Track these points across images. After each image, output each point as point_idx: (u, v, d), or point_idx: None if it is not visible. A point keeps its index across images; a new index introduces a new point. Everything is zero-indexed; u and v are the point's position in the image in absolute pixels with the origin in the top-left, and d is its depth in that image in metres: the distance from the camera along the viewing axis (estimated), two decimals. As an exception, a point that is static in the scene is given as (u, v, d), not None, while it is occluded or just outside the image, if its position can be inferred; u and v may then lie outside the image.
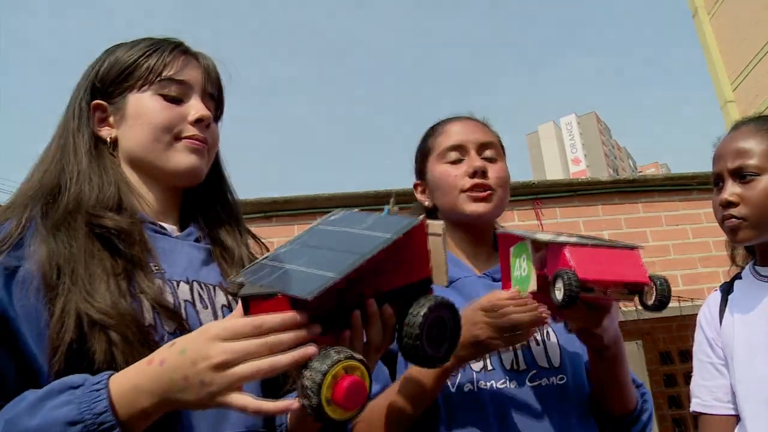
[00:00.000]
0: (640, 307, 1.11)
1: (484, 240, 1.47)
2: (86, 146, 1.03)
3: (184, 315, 0.93)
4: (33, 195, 0.97)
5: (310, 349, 0.71)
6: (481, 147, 1.43)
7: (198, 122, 1.06)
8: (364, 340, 0.81)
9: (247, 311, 0.78)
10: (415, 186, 1.53)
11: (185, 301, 0.95)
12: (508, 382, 1.25)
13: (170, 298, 0.93)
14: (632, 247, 1.11)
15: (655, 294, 1.08)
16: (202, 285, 0.99)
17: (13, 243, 0.89)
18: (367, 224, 0.83)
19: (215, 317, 0.97)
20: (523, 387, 1.26)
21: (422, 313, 0.80)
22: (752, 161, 1.43)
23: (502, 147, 1.49)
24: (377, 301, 0.81)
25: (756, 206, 1.41)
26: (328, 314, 0.76)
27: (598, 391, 1.29)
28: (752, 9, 11.65)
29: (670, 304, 1.62)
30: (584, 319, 1.14)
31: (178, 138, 1.05)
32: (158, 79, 1.04)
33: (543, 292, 1.10)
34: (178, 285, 0.96)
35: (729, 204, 1.44)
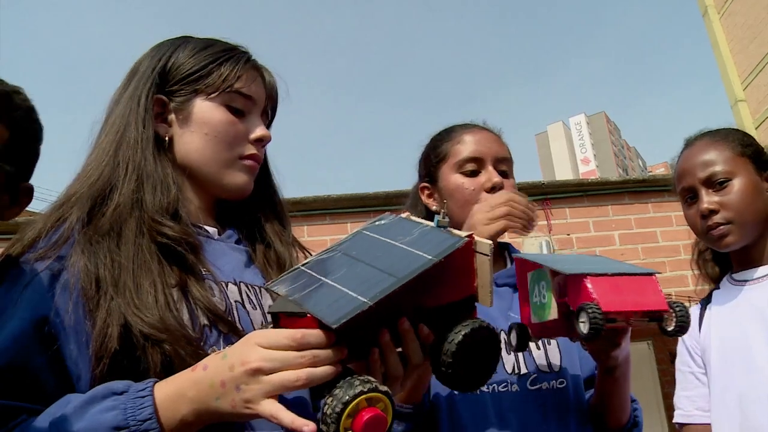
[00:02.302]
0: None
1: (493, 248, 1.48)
2: (150, 142, 0.99)
3: (236, 316, 0.93)
4: (84, 194, 0.94)
5: (339, 367, 0.73)
6: (498, 161, 1.42)
7: (258, 141, 1.05)
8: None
9: (277, 325, 0.79)
10: (422, 188, 1.50)
11: (236, 301, 0.95)
12: (509, 386, 1.26)
13: (221, 301, 0.92)
14: (649, 273, 1.10)
15: (675, 321, 1.08)
16: (249, 286, 0.99)
17: (59, 248, 0.88)
18: (412, 237, 0.80)
19: (264, 318, 0.97)
20: (525, 390, 1.27)
21: (456, 341, 0.78)
22: (722, 168, 1.46)
23: (512, 160, 1.49)
24: (418, 317, 0.79)
25: (737, 208, 1.44)
26: (362, 331, 0.74)
27: (600, 404, 1.30)
28: (762, 8, 11.57)
29: (680, 304, 1.63)
30: (604, 343, 1.15)
31: (238, 157, 1.03)
32: (229, 89, 1.02)
33: (565, 319, 1.10)
34: (227, 286, 0.95)
35: (711, 212, 1.46)
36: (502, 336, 1.29)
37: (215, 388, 0.73)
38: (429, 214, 1.47)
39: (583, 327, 1.01)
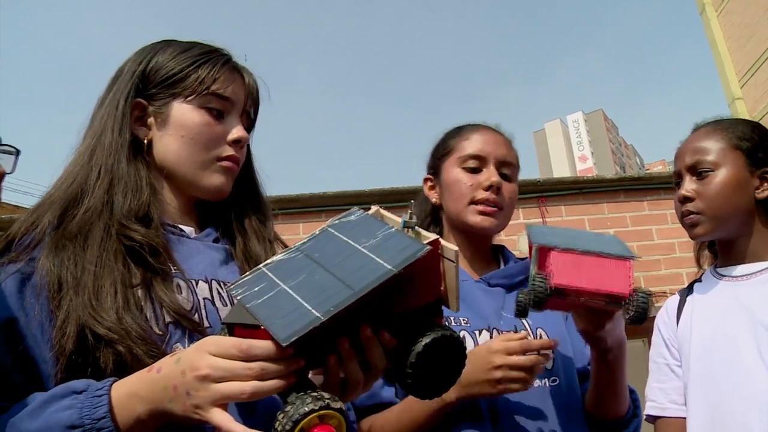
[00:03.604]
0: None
1: (483, 247, 1.50)
2: (125, 146, 1.01)
3: (203, 313, 0.94)
4: (58, 198, 0.97)
5: (291, 379, 0.73)
6: (501, 163, 1.44)
7: (236, 143, 1.06)
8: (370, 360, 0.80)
9: (232, 334, 0.79)
10: (425, 180, 1.54)
11: (204, 298, 0.96)
12: None
13: (189, 297, 0.94)
14: (626, 258, 1.10)
15: (632, 309, 1.07)
16: (221, 283, 1.00)
17: (30, 251, 0.90)
18: (376, 241, 0.78)
19: None
20: None
21: (417, 351, 0.77)
22: (708, 157, 1.46)
23: (519, 167, 1.50)
24: (382, 321, 0.78)
25: (711, 200, 1.44)
26: (320, 341, 0.74)
27: (596, 393, 1.31)
28: (760, 6, 11.57)
29: (676, 302, 1.60)
30: (586, 322, 1.17)
31: (215, 159, 1.05)
32: (205, 92, 1.03)
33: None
34: (196, 284, 0.97)
35: (686, 199, 1.47)
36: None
37: (168, 391, 0.75)
38: (432, 208, 1.52)
39: (526, 295, 1.10)
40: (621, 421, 1.33)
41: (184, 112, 1.03)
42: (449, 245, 0.80)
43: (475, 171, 1.42)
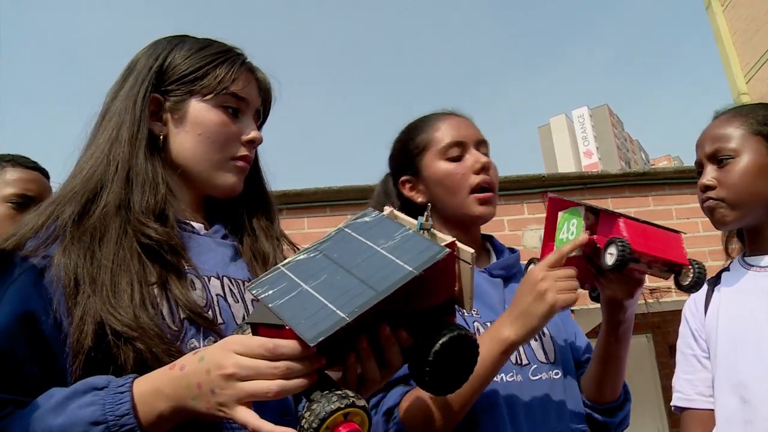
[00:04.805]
0: (650, 300, 1.16)
1: (476, 237, 1.47)
2: (143, 142, 1.01)
3: (216, 309, 0.95)
4: (78, 192, 0.96)
5: (314, 377, 0.75)
6: (478, 143, 1.41)
7: (250, 143, 1.07)
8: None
9: (255, 333, 0.80)
10: (402, 183, 1.44)
11: (217, 295, 0.97)
12: (515, 376, 1.29)
13: (203, 294, 0.95)
14: (676, 232, 1.21)
15: (691, 276, 1.16)
16: (232, 280, 1.01)
17: (48, 246, 0.90)
18: (394, 242, 0.80)
19: (247, 312, 0.99)
20: (527, 381, 1.29)
21: (434, 350, 0.79)
22: (728, 145, 1.44)
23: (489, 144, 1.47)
24: (397, 320, 0.79)
25: (732, 187, 1.42)
26: (340, 340, 0.75)
27: (598, 374, 1.32)
28: (766, 0, 11.51)
29: (680, 298, 1.60)
30: (619, 289, 1.21)
31: (229, 158, 1.05)
32: (224, 91, 1.04)
33: (585, 260, 1.21)
34: (209, 280, 0.97)
35: (708, 188, 1.45)
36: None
37: (191, 389, 0.76)
38: (407, 208, 1.42)
39: (610, 258, 1.12)
40: (616, 403, 1.35)
41: (201, 111, 1.03)
42: (465, 247, 0.82)
43: (458, 159, 1.38)
